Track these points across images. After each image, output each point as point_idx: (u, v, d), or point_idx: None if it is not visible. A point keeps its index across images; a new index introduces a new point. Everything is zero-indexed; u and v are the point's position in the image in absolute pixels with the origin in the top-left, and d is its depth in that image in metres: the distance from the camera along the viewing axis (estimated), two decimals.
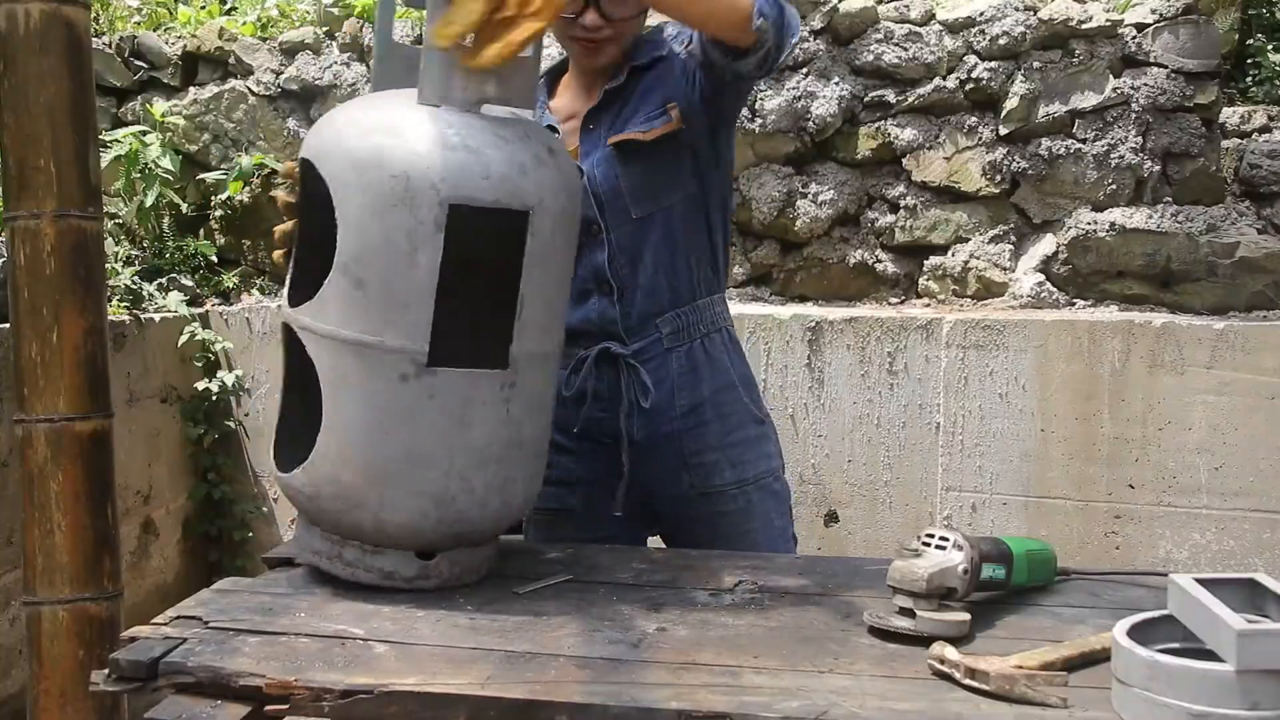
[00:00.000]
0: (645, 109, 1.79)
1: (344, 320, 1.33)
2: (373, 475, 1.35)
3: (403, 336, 1.31)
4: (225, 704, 1.13)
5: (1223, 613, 1.01)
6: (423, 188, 1.28)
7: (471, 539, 1.44)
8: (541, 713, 1.09)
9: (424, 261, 1.30)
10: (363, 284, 1.32)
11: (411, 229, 1.29)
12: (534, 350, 1.40)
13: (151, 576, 3.25)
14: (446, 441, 1.36)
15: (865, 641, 1.27)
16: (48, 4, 2.14)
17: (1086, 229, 3.21)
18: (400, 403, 1.33)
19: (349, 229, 1.32)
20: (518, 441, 1.41)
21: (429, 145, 1.30)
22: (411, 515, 1.37)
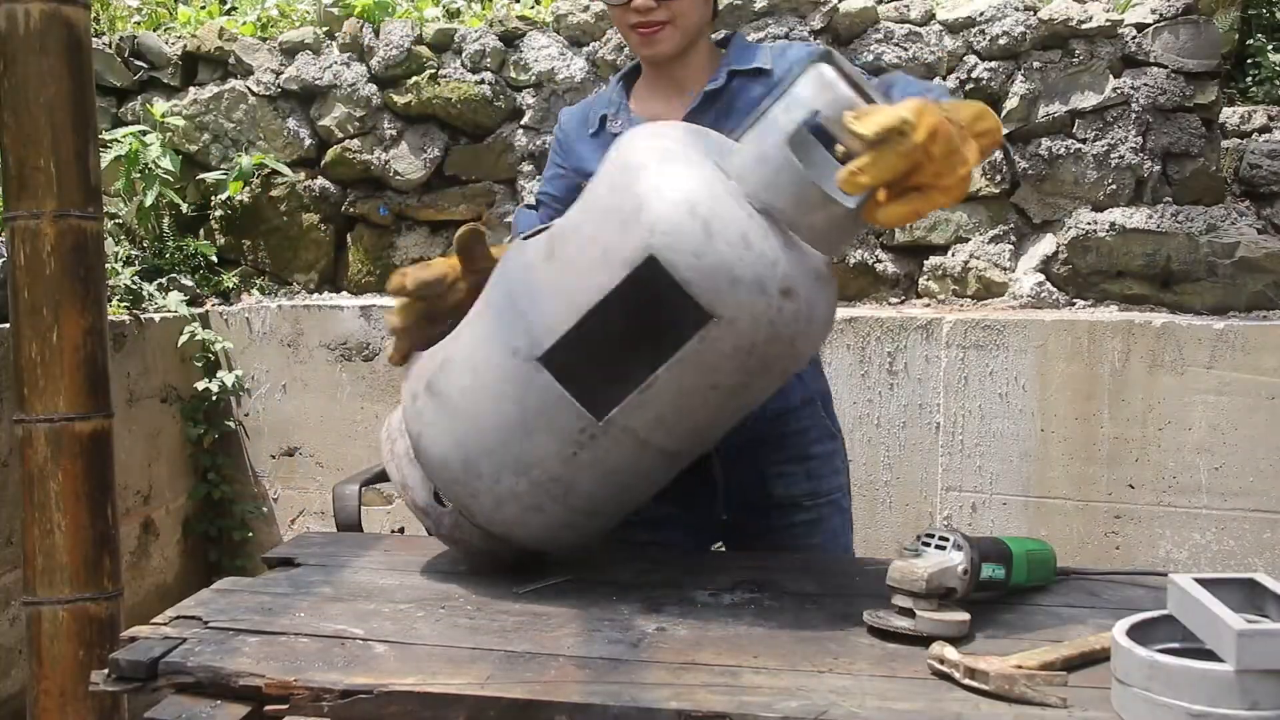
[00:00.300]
0: (742, 120, 1.76)
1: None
2: (450, 433, 1.39)
3: (544, 319, 1.31)
4: (225, 704, 1.14)
5: (1222, 613, 1.01)
6: (643, 220, 1.25)
7: (468, 531, 1.44)
8: (541, 713, 1.09)
9: (599, 279, 1.28)
10: (553, 256, 1.34)
11: (611, 245, 1.27)
12: (638, 431, 1.33)
13: (151, 576, 3.25)
14: (504, 434, 1.35)
15: (865, 641, 1.27)
16: (48, 4, 2.14)
17: (1086, 229, 3.21)
18: (494, 374, 1.35)
19: (581, 203, 1.37)
20: (566, 486, 1.37)
21: (694, 189, 1.25)
22: (438, 483, 1.43)
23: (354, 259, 3.70)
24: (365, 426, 3.43)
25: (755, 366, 1.29)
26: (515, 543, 1.44)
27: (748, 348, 1.26)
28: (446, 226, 3.65)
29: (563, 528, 1.42)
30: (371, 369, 3.41)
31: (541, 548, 1.47)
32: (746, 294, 1.22)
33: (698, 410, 1.33)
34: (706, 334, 1.24)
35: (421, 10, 3.74)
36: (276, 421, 3.48)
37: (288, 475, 3.50)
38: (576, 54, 3.52)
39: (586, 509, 1.40)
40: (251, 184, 3.66)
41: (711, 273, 1.22)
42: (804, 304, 1.27)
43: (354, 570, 1.54)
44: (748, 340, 1.25)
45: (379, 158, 3.59)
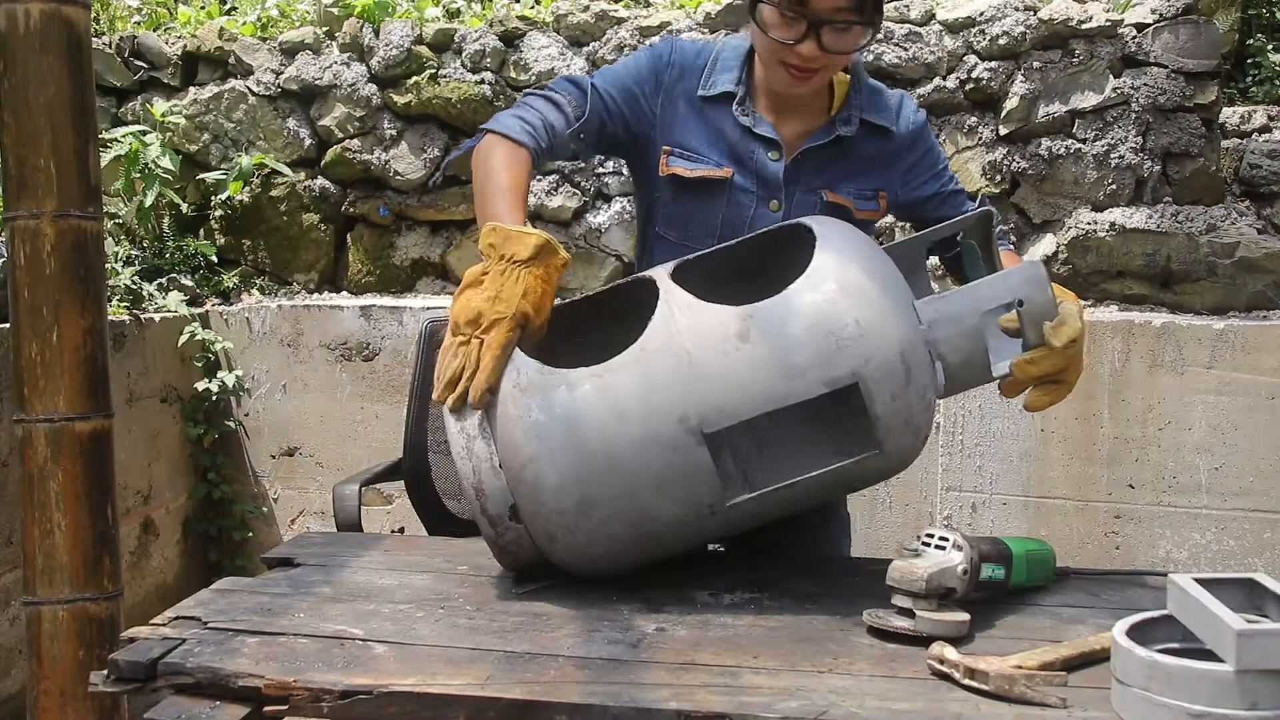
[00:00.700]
0: (861, 179, 1.78)
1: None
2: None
3: (722, 401, 1.34)
4: (224, 705, 1.13)
5: (1222, 613, 1.01)
6: (860, 350, 1.34)
7: (526, 549, 1.42)
8: (541, 713, 1.09)
9: (795, 386, 1.34)
10: (749, 341, 1.36)
11: (817, 359, 1.34)
12: (750, 512, 1.41)
13: (151, 576, 3.25)
14: (634, 486, 1.34)
15: (864, 641, 1.27)
16: (48, 4, 2.14)
17: (1086, 229, 3.21)
18: (647, 430, 1.34)
19: (785, 300, 1.39)
20: (658, 541, 1.42)
21: (906, 335, 1.37)
22: (537, 507, 1.39)
23: (354, 259, 3.70)
24: (365, 426, 3.43)
25: (865, 484, 1.49)
26: (572, 570, 1.43)
27: (878, 474, 1.44)
28: (446, 226, 3.65)
29: (623, 564, 1.44)
30: (371, 369, 3.41)
31: (585, 573, 1.45)
32: (910, 437, 1.39)
33: (804, 505, 1.47)
34: (865, 460, 1.38)
35: (421, 10, 3.74)
36: (276, 421, 3.48)
37: (288, 475, 3.50)
38: (576, 54, 3.52)
39: (656, 555, 1.45)
40: (251, 184, 3.66)
41: (897, 413, 1.36)
42: (920, 448, 1.45)
43: (353, 570, 1.54)
44: (885, 471, 1.43)
45: (379, 158, 3.59)
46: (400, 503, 3.38)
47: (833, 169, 1.76)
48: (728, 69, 1.76)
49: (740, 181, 1.74)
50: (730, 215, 1.76)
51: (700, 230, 1.77)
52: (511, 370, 1.37)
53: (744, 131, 1.74)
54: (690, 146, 1.75)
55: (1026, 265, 1.47)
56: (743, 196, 1.75)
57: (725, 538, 1.57)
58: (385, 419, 3.38)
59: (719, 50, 1.78)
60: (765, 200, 1.75)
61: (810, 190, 1.76)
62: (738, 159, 1.75)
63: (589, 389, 1.35)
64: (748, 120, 1.74)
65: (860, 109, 1.77)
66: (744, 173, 1.75)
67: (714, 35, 3.41)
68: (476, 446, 1.37)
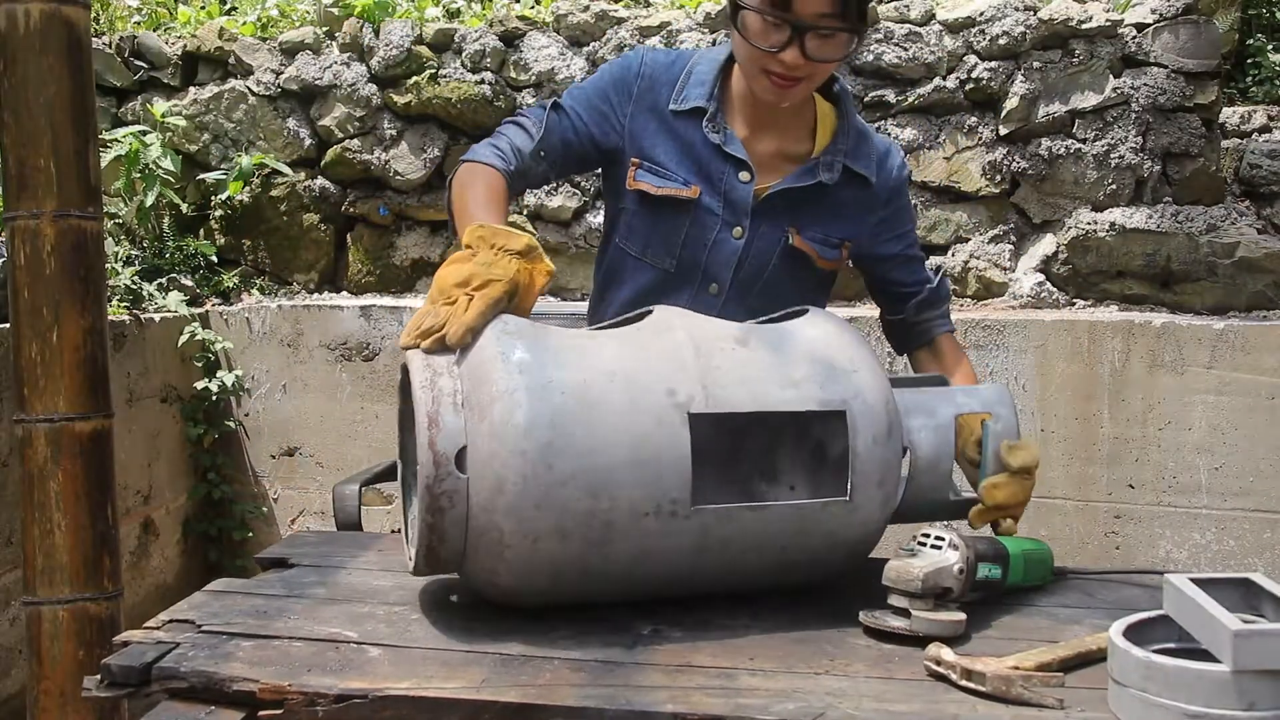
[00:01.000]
0: (830, 225, 1.75)
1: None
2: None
3: (716, 391, 1.30)
4: (219, 709, 1.13)
5: (1218, 613, 1.01)
6: (854, 381, 1.36)
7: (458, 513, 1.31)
8: (537, 716, 1.09)
9: (787, 395, 1.34)
10: (747, 346, 1.38)
11: (812, 377, 1.36)
12: (709, 534, 1.31)
13: (151, 576, 3.26)
14: (604, 450, 1.26)
15: (861, 643, 1.27)
16: (48, 4, 2.14)
17: (1086, 229, 3.21)
18: (638, 397, 1.29)
19: (793, 327, 1.46)
20: (606, 530, 1.27)
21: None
22: (501, 445, 1.27)
23: (354, 259, 3.70)
24: (365, 426, 3.43)
25: (821, 554, 1.37)
26: (506, 557, 1.26)
27: (841, 533, 1.36)
28: (446, 226, 3.65)
29: (560, 560, 1.27)
30: (371, 369, 3.42)
31: (512, 568, 1.28)
32: (877, 501, 1.35)
33: (757, 553, 1.35)
34: (831, 505, 1.34)
35: (421, 10, 3.74)
36: (276, 421, 3.49)
37: (288, 475, 3.50)
38: (576, 54, 3.52)
39: (598, 563, 1.29)
40: (251, 184, 3.66)
41: (873, 462, 1.33)
42: (879, 538, 1.41)
43: (348, 571, 1.54)
44: (851, 531, 1.36)
45: (379, 158, 3.59)
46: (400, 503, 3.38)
47: (804, 210, 1.73)
48: (700, 83, 1.72)
49: (707, 202, 1.72)
50: (692, 236, 1.73)
51: (661, 247, 1.75)
52: (499, 321, 1.31)
53: (714, 150, 1.71)
54: (659, 161, 1.72)
55: (996, 386, 1.54)
56: (708, 218, 1.72)
57: (677, 581, 1.36)
58: (385, 419, 3.38)
59: (693, 62, 1.75)
60: (730, 225, 1.72)
61: (777, 227, 1.73)
62: (707, 178, 1.72)
63: (581, 342, 1.32)
64: (717, 138, 1.70)
65: (845, 154, 1.73)
66: (712, 193, 1.71)
67: (713, 35, 3.41)
68: (441, 382, 1.27)
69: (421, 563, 1.29)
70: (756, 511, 1.31)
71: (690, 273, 1.75)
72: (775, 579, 1.40)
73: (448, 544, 1.27)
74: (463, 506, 1.25)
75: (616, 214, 1.80)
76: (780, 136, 1.74)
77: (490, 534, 1.24)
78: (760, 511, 1.32)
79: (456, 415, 1.26)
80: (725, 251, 1.73)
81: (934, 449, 1.46)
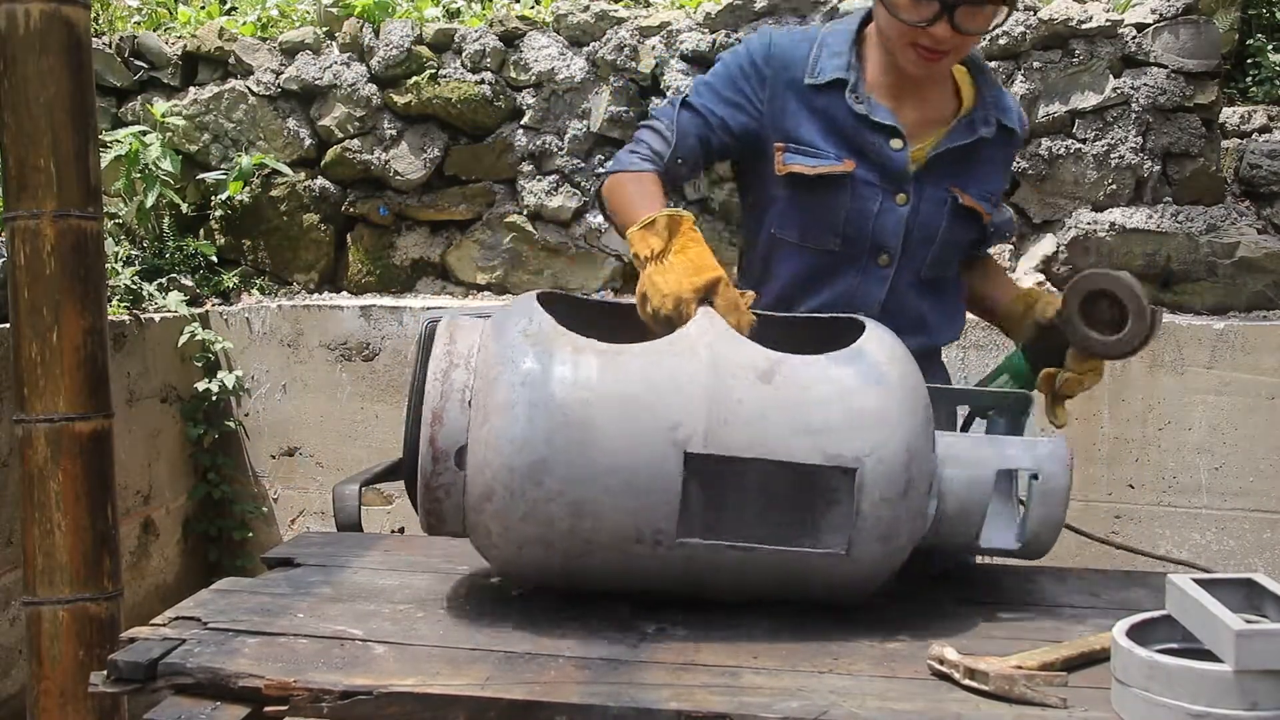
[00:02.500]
0: (986, 181, 1.74)
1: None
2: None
3: (719, 431, 1.27)
4: (224, 705, 1.13)
5: (1221, 613, 1.01)
6: (871, 438, 1.28)
7: (453, 504, 1.36)
8: (541, 713, 1.09)
9: (797, 445, 1.29)
10: (770, 384, 1.32)
11: (826, 428, 1.29)
12: (691, 567, 1.31)
13: (151, 576, 3.25)
14: (594, 473, 1.26)
15: (865, 642, 1.27)
16: (48, 4, 2.14)
17: (1086, 229, 3.21)
18: (635, 423, 1.28)
19: (820, 363, 1.37)
20: (586, 550, 1.30)
21: (919, 449, 1.30)
22: (496, 455, 1.31)
23: (354, 259, 3.70)
24: (365, 426, 3.43)
25: (820, 592, 1.34)
26: (488, 553, 1.34)
27: (837, 586, 1.32)
28: (446, 227, 3.65)
29: (544, 565, 1.31)
30: (371, 369, 3.41)
31: (500, 560, 1.35)
32: (878, 557, 1.29)
33: (749, 589, 1.34)
34: (828, 558, 1.29)
35: (421, 10, 3.74)
36: (276, 421, 3.48)
37: (288, 475, 3.50)
38: (576, 54, 3.52)
39: (580, 574, 1.33)
40: (251, 184, 3.66)
41: (879, 520, 1.26)
42: (886, 579, 1.35)
43: (354, 570, 1.54)
44: (848, 581, 1.31)
45: (379, 158, 3.59)
46: (400, 503, 3.38)
47: (963, 169, 1.71)
48: (836, 54, 1.69)
49: (863, 175, 1.67)
50: (854, 211, 1.68)
51: (822, 228, 1.70)
52: (524, 317, 1.32)
53: (860, 120, 1.67)
54: (805, 140, 1.68)
55: (1056, 443, 1.42)
56: (866, 190, 1.67)
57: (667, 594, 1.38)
58: (385, 419, 3.38)
59: (823, 35, 1.72)
60: (891, 193, 1.68)
61: (940, 188, 1.70)
62: (858, 150, 1.67)
63: (593, 359, 1.29)
64: (862, 108, 1.66)
65: (994, 108, 1.72)
66: (867, 165, 1.67)
67: (714, 35, 3.41)
68: (455, 375, 1.30)
69: (426, 531, 1.37)
70: (746, 553, 1.28)
71: (857, 248, 1.70)
72: (769, 607, 1.37)
73: (448, 525, 1.33)
74: (459, 498, 1.29)
75: (766, 203, 1.74)
76: (923, 102, 1.71)
77: (480, 529, 1.30)
78: (750, 553, 1.28)
79: (462, 413, 1.28)
80: (892, 220, 1.68)
81: (962, 502, 1.36)
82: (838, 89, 1.67)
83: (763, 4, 3.36)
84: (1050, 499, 1.38)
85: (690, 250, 1.45)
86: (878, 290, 1.71)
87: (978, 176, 1.72)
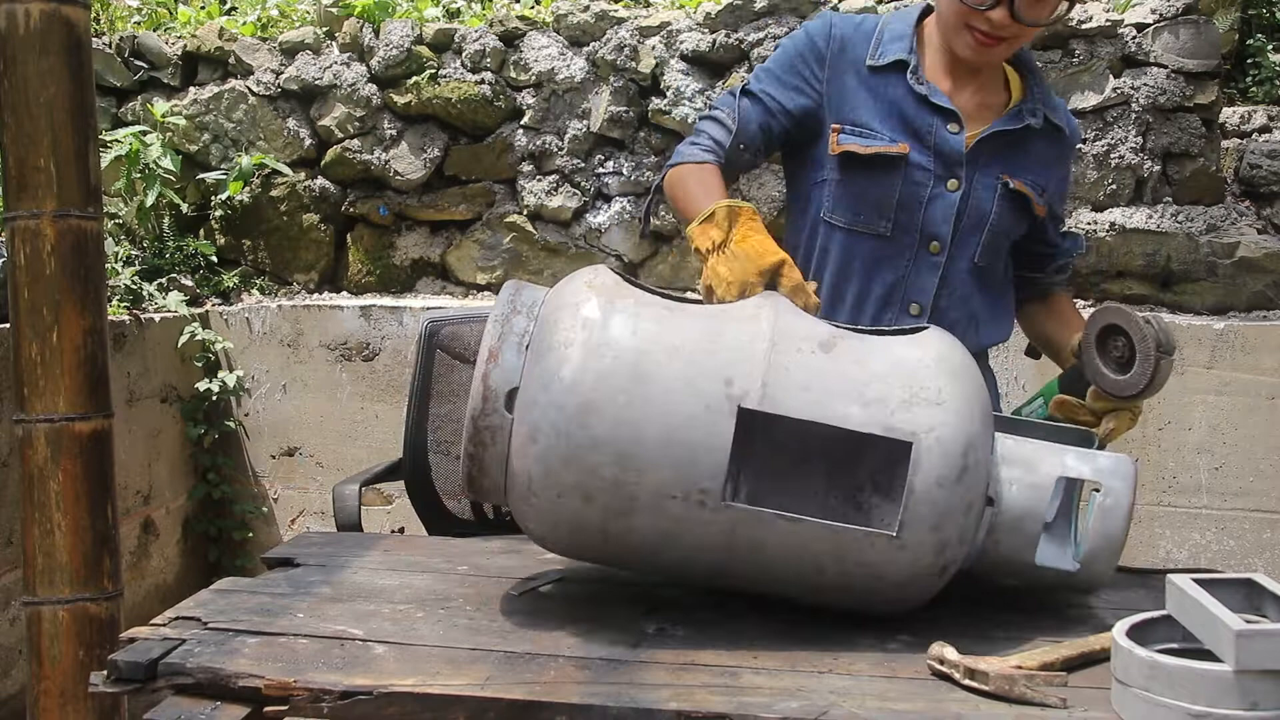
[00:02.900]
0: (1035, 172, 1.74)
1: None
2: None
3: (775, 392, 1.25)
4: (224, 705, 1.14)
5: (1221, 613, 1.01)
6: (931, 416, 1.25)
7: (499, 450, 1.33)
8: (541, 713, 1.09)
9: (854, 412, 1.26)
10: (831, 353, 1.31)
11: (886, 400, 1.26)
12: (735, 534, 1.27)
13: (151, 576, 3.25)
14: (648, 425, 1.23)
15: (865, 642, 1.27)
16: (48, 4, 2.14)
17: (1086, 229, 3.21)
18: (690, 375, 1.26)
19: (880, 343, 1.36)
20: (630, 504, 1.27)
21: (979, 437, 1.26)
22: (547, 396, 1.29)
23: (354, 259, 3.70)
24: (365, 426, 3.43)
25: (865, 584, 1.28)
26: (532, 503, 1.28)
27: (884, 569, 1.26)
28: (446, 227, 3.65)
29: (583, 520, 1.27)
30: (371, 369, 3.41)
31: (538, 517, 1.30)
32: (932, 545, 1.24)
33: (790, 566, 1.28)
34: (876, 537, 1.24)
35: (421, 10, 3.74)
36: (276, 421, 3.48)
37: (288, 475, 3.50)
38: (576, 54, 3.52)
39: (617, 534, 1.28)
40: (251, 184, 3.66)
41: (933, 503, 1.22)
42: (936, 586, 1.29)
43: (354, 570, 1.54)
44: (896, 569, 1.25)
45: (379, 158, 3.59)
46: (400, 503, 3.38)
47: (1013, 156, 1.71)
48: (899, 37, 1.70)
49: (917, 158, 1.68)
50: (906, 195, 1.68)
51: (873, 211, 1.70)
52: (590, 271, 1.33)
53: (919, 101, 1.68)
54: (862, 121, 1.69)
55: (1119, 458, 1.38)
56: (919, 174, 1.68)
57: (706, 573, 1.34)
58: (385, 419, 3.38)
59: (885, 20, 1.74)
60: (943, 179, 1.68)
61: (990, 174, 1.70)
62: (914, 133, 1.68)
63: (655, 313, 1.28)
64: (923, 89, 1.67)
65: (1042, 103, 1.73)
66: (922, 148, 1.68)
67: (714, 35, 3.41)
68: (516, 320, 1.29)
69: (466, 488, 1.32)
70: (791, 523, 1.25)
71: (908, 234, 1.70)
72: (813, 599, 1.33)
73: (489, 477, 1.29)
74: (503, 445, 1.26)
75: (817, 186, 1.74)
76: (978, 90, 1.72)
77: (521, 477, 1.26)
78: (795, 524, 1.25)
79: (518, 356, 1.27)
80: (943, 206, 1.69)
81: (1022, 508, 1.32)
82: (899, 70, 1.68)
83: (763, 4, 3.36)
84: (1112, 515, 1.33)
85: (751, 239, 1.47)
86: (930, 280, 1.71)
87: (1026, 166, 1.73)
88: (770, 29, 3.34)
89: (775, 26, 3.34)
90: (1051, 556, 1.36)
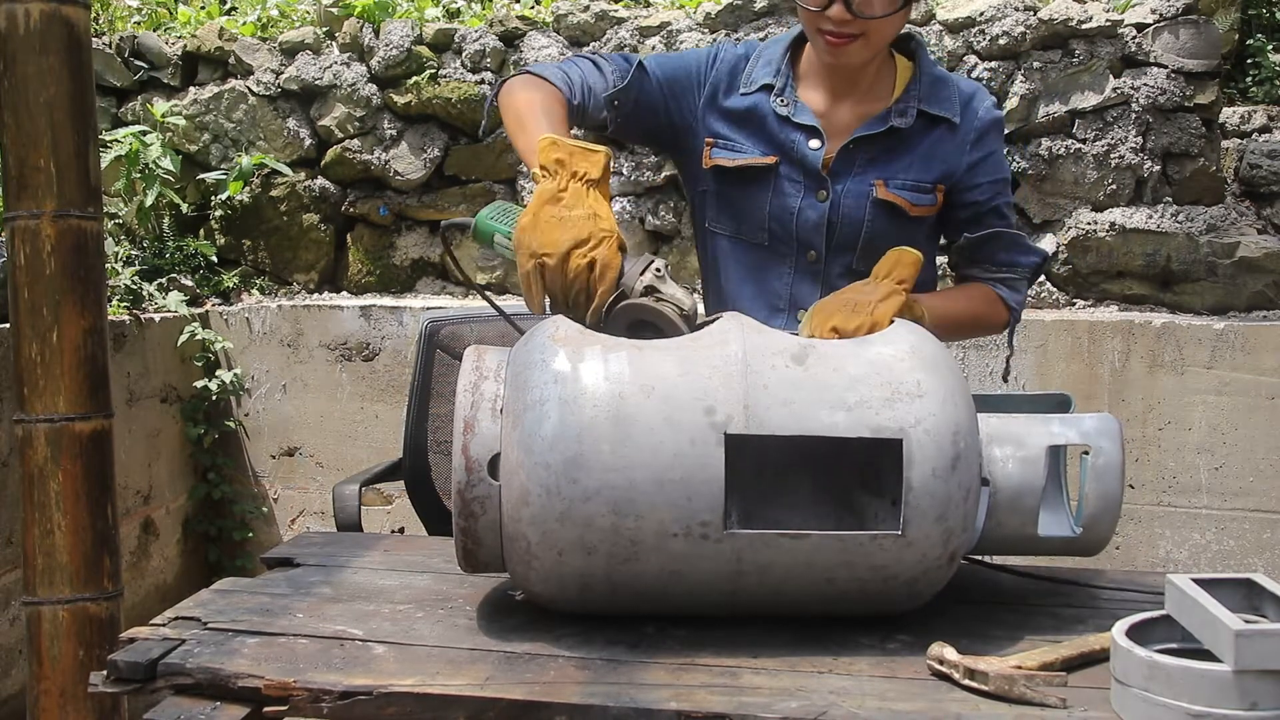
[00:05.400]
0: (917, 173, 1.73)
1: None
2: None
3: (756, 412, 1.23)
4: (224, 705, 1.13)
5: (1220, 613, 1.01)
6: (915, 409, 1.24)
7: (488, 518, 1.31)
8: (541, 713, 1.09)
9: (838, 420, 1.25)
10: (804, 366, 1.29)
11: (868, 402, 1.25)
12: (742, 560, 1.25)
13: (151, 576, 3.25)
14: (635, 467, 1.22)
15: (864, 642, 1.27)
16: (48, 4, 2.14)
17: (1086, 229, 3.21)
18: (671, 407, 1.24)
19: (851, 346, 1.35)
20: (633, 548, 1.25)
21: (965, 423, 1.25)
22: (527, 456, 1.27)
23: (354, 259, 3.70)
24: (365, 426, 3.43)
25: (877, 587, 1.27)
26: (534, 566, 1.26)
27: (894, 568, 1.25)
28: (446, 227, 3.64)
29: (588, 573, 1.25)
30: (371, 369, 3.41)
31: (543, 578, 1.27)
32: (936, 539, 1.23)
33: (800, 582, 1.27)
34: (883, 538, 1.23)
35: (421, 10, 3.74)
36: (276, 421, 3.49)
37: (288, 475, 3.50)
38: (576, 54, 3.52)
39: (625, 582, 1.26)
40: (251, 184, 3.66)
41: (933, 495, 1.22)
42: (945, 577, 1.28)
43: (353, 571, 1.54)
44: (906, 567, 1.25)
45: (379, 158, 3.59)
46: (400, 503, 3.39)
47: (887, 161, 1.72)
48: (767, 63, 1.76)
49: (786, 171, 1.73)
50: (777, 206, 1.74)
51: (751, 222, 1.76)
52: (550, 325, 1.31)
53: (783, 121, 1.72)
54: (732, 139, 1.75)
55: (1103, 417, 1.38)
56: (788, 186, 1.73)
57: (716, 604, 1.31)
58: (385, 419, 3.38)
59: (762, 47, 1.79)
60: (813, 190, 1.72)
61: (862, 182, 1.72)
62: (780, 147, 1.73)
63: (624, 355, 1.27)
64: (786, 110, 1.72)
65: (919, 99, 1.73)
66: (788, 162, 1.73)
67: (713, 35, 3.41)
68: (485, 386, 1.28)
69: (463, 563, 1.31)
70: (796, 540, 1.24)
71: (785, 243, 1.75)
72: (824, 608, 1.31)
73: (484, 548, 1.28)
74: (494, 513, 1.25)
75: (701, 199, 1.82)
76: (861, 101, 1.74)
77: (519, 542, 1.24)
78: (800, 540, 1.24)
79: (494, 422, 1.26)
80: (813, 216, 1.73)
81: (1017, 483, 1.33)
82: (765, 94, 1.74)
83: (762, 4, 3.37)
84: (1106, 475, 1.34)
85: (588, 199, 1.40)
86: (812, 288, 1.74)
87: (908, 168, 1.73)
88: (770, 29, 3.34)
89: (775, 26, 3.34)
90: (1053, 525, 1.38)
